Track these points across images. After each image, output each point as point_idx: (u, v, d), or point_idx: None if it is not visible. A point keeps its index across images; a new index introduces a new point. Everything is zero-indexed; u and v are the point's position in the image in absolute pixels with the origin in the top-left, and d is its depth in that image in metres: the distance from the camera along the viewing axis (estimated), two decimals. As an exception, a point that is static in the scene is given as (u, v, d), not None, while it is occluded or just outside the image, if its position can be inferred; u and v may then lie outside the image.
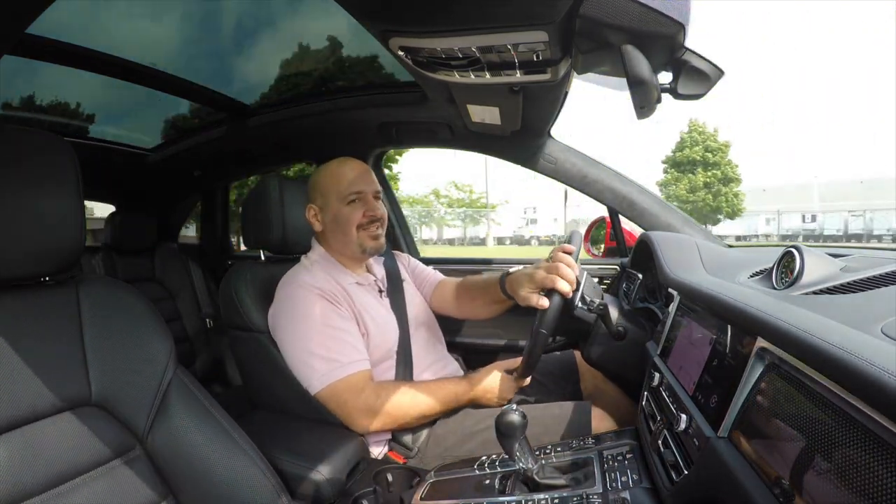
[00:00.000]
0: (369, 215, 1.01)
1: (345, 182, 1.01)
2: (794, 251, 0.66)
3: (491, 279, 1.09)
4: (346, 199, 1.00)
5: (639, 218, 1.33)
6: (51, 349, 0.57)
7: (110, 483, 0.57)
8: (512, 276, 1.01)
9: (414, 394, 0.93)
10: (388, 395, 0.91)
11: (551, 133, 1.36)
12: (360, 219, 1.01)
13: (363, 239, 1.01)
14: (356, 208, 1.01)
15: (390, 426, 0.93)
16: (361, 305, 0.99)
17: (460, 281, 1.20)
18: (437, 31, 0.70)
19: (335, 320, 0.93)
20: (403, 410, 0.91)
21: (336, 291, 0.96)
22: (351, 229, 1.00)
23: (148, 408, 0.62)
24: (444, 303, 1.20)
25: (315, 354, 0.90)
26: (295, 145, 1.76)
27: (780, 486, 0.39)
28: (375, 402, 0.90)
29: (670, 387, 0.66)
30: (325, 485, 0.76)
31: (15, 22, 0.69)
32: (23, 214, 0.55)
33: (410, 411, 0.92)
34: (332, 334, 0.92)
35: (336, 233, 1.02)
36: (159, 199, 2.33)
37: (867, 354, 0.33)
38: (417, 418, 0.94)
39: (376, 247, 1.03)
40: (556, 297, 0.86)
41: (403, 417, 0.92)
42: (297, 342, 0.92)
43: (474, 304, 1.15)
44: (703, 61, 0.66)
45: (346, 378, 0.90)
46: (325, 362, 0.90)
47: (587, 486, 0.66)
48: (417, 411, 0.93)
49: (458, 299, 1.18)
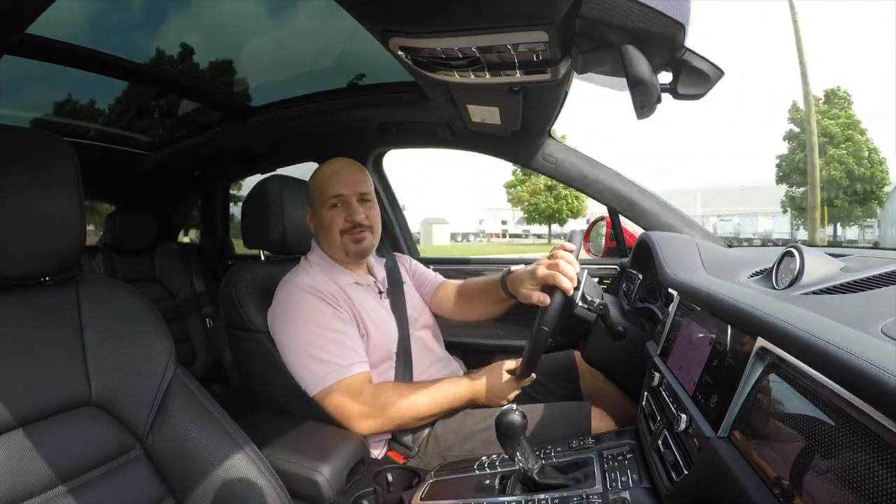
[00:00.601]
0: (350, 220, 0.99)
1: (326, 186, 1.00)
2: (795, 251, 0.66)
3: (491, 279, 1.09)
4: (327, 204, 1.00)
5: (639, 218, 1.34)
6: (51, 349, 0.57)
7: (110, 483, 0.57)
8: (513, 274, 1.02)
9: (412, 395, 0.92)
10: (385, 398, 0.90)
11: (551, 133, 1.36)
12: (342, 223, 0.99)
13: (346, 243, 1.01)
14: (338, 213, 1.00)
15: (389, 427, 0.93)
16: (361, 306, 0.99)
17: (461, 283, 1.20)
18: (437, 31, 0.70)
19: (334, 322, 0.93)
20: (401, 412, 0.91)
21: (335, 293, 0.96)
22: (333, 234, 1.00)
23: (148, 408, 0.62)
24: (445, 305, 1.20)
25: (313, 357, 0.90)
26: (295, 145, 1.76)
27: (780, 486, 0.39)
28: (373, 404, 0.89)
29: (670, 387, 0.66)
30: (326, 485, 0.76)
31: (15, 22, 0.69)
32: (23, 214, 0.55)
33: (409, 413, 0.91)
34: (330, 336, 0.91)
35: (322, 237, 1.03)
36: (159, 199, 2.33)
37: (867, 354, 0.33)
38: (416, 419, 0.93)
39: (359, 251, 1.01)
40: (557, 294, 0.86)
41: (401, 419, 0.91)
42: (296, 344, 0.92)
43: (474, 304, 1.15)
44: (703, 61, 0.66)
45: (343, 381, 0.89)
46: (324, 365, 0.90)
47: (587, 486, 0.66)
48: (416, 412, 0.92)
49: (459, 301, 1.18)
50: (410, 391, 0.93)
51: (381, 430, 0.92)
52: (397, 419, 0.91)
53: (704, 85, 0.69)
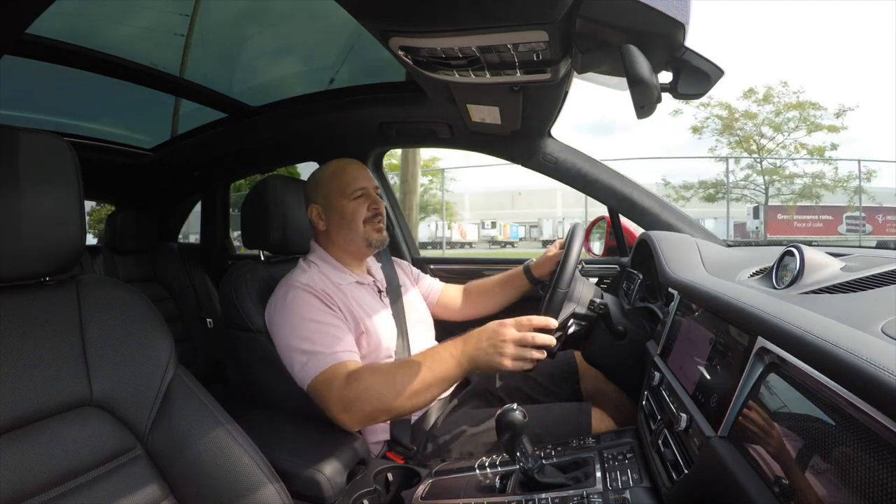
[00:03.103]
0: (373, 209, 1.05)
1: (349, 179, 1.04)
2: (795, 250, 0.66)
3: (511, 273, 1.27)
4: (351, 196, 1.03)
5: (639, 217, 1.34)
6: (51, 349, 0.57)
7: (111, 483, 0.57)
8: (534, 262, 1.24)
9: (390, 374, 0.82)
10: (359, 383, 0.81)
11: (551, 133, 1.36)
12: (366, 213, 1.04)
13: (369, 232, 1.04)
14: (362, 203, 1.04)
15: (373, 416, 0.83)
16: (360, 304, 0.99)
17: (466, 286, 1.33)
18: (437, 31, 0.70)
19: (322, 315, 0.92)
20: (379, 394, 0.80)
21: (329, 290, 0.96)
22: (358, 223, 1.03)
23: (148, 408, 0.62)
24: (452, 306, 1.31)
25: (298, 349, 0.88)
26: (295, 145, 1.76)
27: (779, 486, 0.39)
28: (348, 392, 0.81)
29: (670, 386, 0.66)
30: (327, 484, 0.76)
31: (15, 22, 0.69)
32: (23, 214, 0.55)
33: (388, 394, 0.80)
34: (316, 328, 0.89)
35: (342, 229, 1.03)
36: (159, 199, 2.33)
37: (867, 354, 0.33)
38: (404, 401, 0.80)
39: (381, 239, 1.06)
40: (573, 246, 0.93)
41: (382, 403, 0.80)
42: (286, 339, 0.91)
43: (489, 298, 1.29)
44: (703, 61, 0.66)
45: (324, 371, 0.84)
46: (307, 355, 0.87)
47: (587, 485, 0.66)
48: (397, 392, 0.80)
49: (469, 300, 1.31)
50: (390, 369, 0.84)
51: (368, 421, 0.84)
52: (377, 405, 0.80)
53: (705, 84, 0.69)
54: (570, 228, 1.02)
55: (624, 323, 0.97)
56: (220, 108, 1.66)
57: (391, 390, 0.80)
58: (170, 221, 2.45)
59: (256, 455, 0.66)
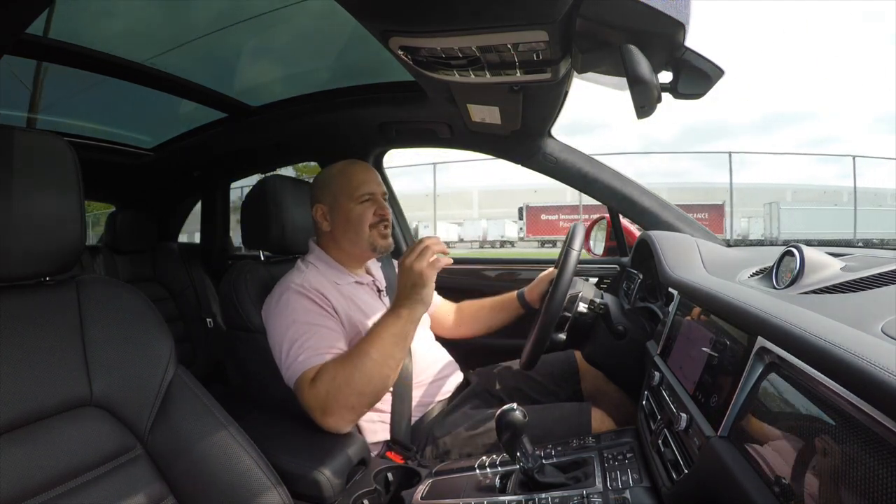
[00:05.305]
0: (380, 214, 1.03)
1: (357, 182, 1.03)
2: (795, 250, 0.66)
3: (504, 298, 1.26)
4: (359, 199, 1.02)
5: (639, 218, 1.34)
6: (51, 349, 0.57)
7: (111, 483, 0.57)
8: (528, 288, 1.21)
9: (347, 356, 0.83)
10: (323, 377, 0.81)
11: (551, 133, 1.36)
12: (372, 218, 1.03)
13: (374, 238, 1.03)
14: (368, 207, 1.03)
15: (352, 405, 0.82)
16: (359, 303, 0.99)
17: (458, 306, 1.32)
18: (438, 31, 0.70)
19: (311, 317, 0.91)
20: (346, 379, 0.80)
21: (325, 290, 0.95)
22: (364, 227, 1.02)
23: (148, 408, 0.62)
24: (443, 323, 1.29)
25: (285, 352, 0.87)
26: (295, 145, 1.76)
27: (780, 486, 0.39)
28: (318, 391, 0.81)
29: (670, 386, 0.66)
30: (327, 484, 0.76)
31: (15, 22, 0.69)
32: (23, 214, 0.55)
33: (354, 375, 0.80)
34: (304, 331, 0.88)
35: (347, 232, 1.03)
36: (159, 199, 2.33)
37: (867, 353, 0.33)
38: (373, 375, 0.81)
39: (386, 246, 1.05)
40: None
41: (353, 387, 0.80)
42: (274, 342, 0.91)
43: (477, 322, 1.28)
44: (703, 61, 0.66)
45: (299, 376, 0.84)
46: (290, 359, 0.86)
47: (587, 485, 0.66)
48: (362, 369, 0.80)
49: (459, 321, 1.30)
50: (345, 358, 0.84)
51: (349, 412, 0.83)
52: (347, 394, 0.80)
53: (705, 84, 0.69)
54: (570, 228, 1.02)
55: (624, 323, 0.97)
56: (220, 108, 1.65)
57: (355, 370, 0.81)
58: (170, 221, 2.45)
59: (256, 455, 0.66)
